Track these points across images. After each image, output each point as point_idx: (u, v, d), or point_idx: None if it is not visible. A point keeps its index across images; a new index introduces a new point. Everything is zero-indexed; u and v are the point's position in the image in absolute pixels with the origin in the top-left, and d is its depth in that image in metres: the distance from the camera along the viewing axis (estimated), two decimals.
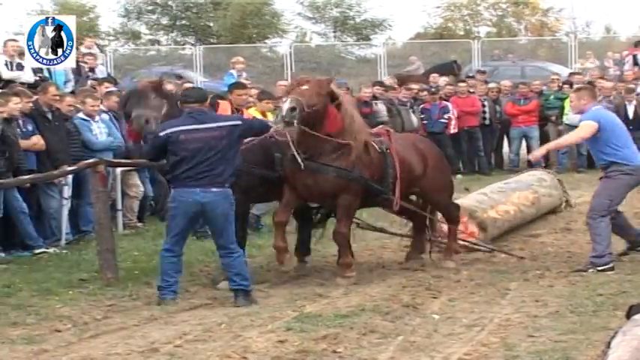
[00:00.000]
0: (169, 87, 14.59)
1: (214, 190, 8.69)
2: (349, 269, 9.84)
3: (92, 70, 17.95)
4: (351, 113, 9.88)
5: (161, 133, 8.84)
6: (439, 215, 11.05)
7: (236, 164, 8.90)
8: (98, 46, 26.93)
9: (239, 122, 9.15)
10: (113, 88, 15.46)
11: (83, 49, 19.58)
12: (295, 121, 9.25)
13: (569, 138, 12.16)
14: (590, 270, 9.95)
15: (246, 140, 9.30)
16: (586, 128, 10.28)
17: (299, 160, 9.45)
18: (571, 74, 23.14)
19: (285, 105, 9.26)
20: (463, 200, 12.02)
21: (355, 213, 10.21)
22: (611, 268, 9.99)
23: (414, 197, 10.80)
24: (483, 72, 23.71)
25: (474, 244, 11.43)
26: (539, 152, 12.26)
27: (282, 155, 9.70)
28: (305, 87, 9.44)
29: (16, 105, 11.37)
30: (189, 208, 8.71)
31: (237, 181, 9.02)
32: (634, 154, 10.41)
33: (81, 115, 12.63)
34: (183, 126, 8.79)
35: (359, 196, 9.85)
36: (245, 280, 8.88)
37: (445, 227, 11.06)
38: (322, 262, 10.93)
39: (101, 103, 13.11)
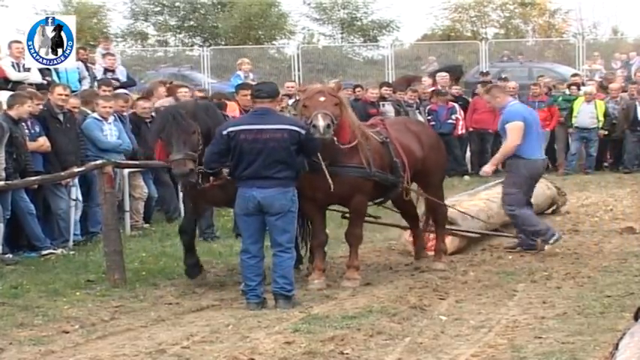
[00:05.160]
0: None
1: None
2: (357, 272, 9.84)
3: (112, 70, 17.93)
4: (352, 114, 9.83)
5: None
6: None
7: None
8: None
9: None
10: (121, 91, 15.49)
11: (101, 50, 19.71)
12: (329, 136, 9.19)
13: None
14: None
15: None
16: None
17: (323, 167, 9.29)
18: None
19: (321, 122, 9.06)
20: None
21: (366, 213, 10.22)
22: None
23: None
24: (487, 74, 23.65)
25: (462, 231, 11.46)
26: (488, 167, 11.56)
27: None
28: (322, 99, 9.28)
29: (29, 107, 11.39)
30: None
31: None
32: None
33: (95, 115, 12.69)
34: None
35: (369, 195, 9.87)
36: (288, 284, 8.73)
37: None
38: (329, 264, 10.92)
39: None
